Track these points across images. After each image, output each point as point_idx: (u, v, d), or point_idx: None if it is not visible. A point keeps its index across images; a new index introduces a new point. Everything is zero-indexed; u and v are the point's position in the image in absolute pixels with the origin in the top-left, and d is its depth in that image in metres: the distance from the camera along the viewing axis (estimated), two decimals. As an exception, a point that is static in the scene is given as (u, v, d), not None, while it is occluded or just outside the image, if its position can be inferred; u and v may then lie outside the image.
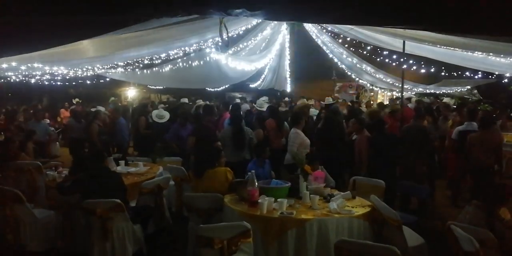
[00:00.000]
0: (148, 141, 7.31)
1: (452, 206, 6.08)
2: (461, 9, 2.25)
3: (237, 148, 5.77)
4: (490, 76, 10.59)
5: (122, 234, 3.80)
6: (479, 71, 9.95)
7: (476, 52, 6.60)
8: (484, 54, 6.64)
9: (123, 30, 4.43)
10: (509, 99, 12.48)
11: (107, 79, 11.23)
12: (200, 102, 10.62)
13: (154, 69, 9.18)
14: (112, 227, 3.73)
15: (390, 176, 5.08)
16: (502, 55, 6.59)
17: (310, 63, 14.71)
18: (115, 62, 7.96)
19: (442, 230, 3.31)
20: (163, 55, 7.77)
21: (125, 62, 8.20)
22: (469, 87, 12.44)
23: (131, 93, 13.19)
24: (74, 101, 14.58)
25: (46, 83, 10.71)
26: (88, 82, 11.84)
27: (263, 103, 8.79)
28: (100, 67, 8.40)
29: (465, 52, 6.85)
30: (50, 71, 7.66)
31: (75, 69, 8.15)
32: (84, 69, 8.45)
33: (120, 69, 8.84)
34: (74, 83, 12.23)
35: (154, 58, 7.91)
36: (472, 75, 10.34)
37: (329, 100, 10.16)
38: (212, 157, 4.44)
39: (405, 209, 5.24)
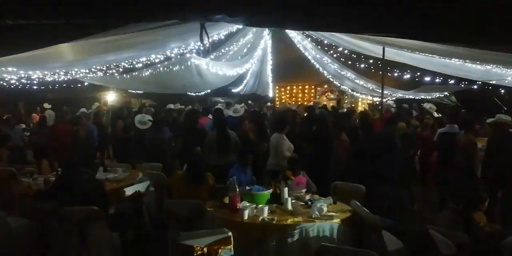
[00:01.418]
0: (128, 146, 7.19)
1: (433, 210, 6.17)
2: (436, 19, 2.30)
3: (222, 152, 5.73)
4: (464, 82, 10.89)
5: (100, 242, 3.70)
6: (457, 77, 10.24)
7: (454, 59, 6.78)
8: (461, 61, 6.82)
9: (103, 34, 4.36)
10: (485, 106, 12.87)
11: (85, 84, 11.00)
12: (178, 106, 10.55)
13: (134, 73, 9.07)
14: (89, 234, 3.64)
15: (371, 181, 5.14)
16: (478, 62, 6.78)
17: (292, 68, 14.80)
18: (94, 66, 7.82)
19: (421, 234, 3.35)
20: (143, 60, 7.69)
21: (105, 66, 8.07)
22: (446, 93, 12.75)
23: (111, 98, 12.97)
24: (45, 106, 14.31)
25: (20, 87, 10.43)
26: (65, 85, 11.58)
27: (238, 109, 8.87)
28: (79, 71, 8.24)
29: (443, 59, 7.02)
30: (26, 75, 7.47)
31: (51, 73, 7.96)
32: (62, 74, 8.27)
33: (99, 74, 8.69)
34: (50, 87, 11.94)
35: (134, 62, 7.81)
36: (449, 80, 10.62)
37: (310, 105, 10.22)
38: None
39: (385, 213, 5.30)
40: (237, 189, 3.73)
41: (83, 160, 4.90)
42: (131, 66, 8.09)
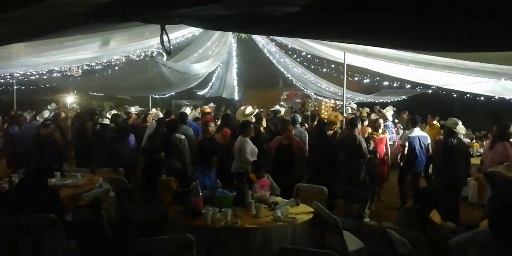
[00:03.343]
0: (90, 150, 6.94)
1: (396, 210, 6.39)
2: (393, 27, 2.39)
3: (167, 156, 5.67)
4: (420, 87, 11.40)
5: (56, 251, 3.55)
6: (413, 82, 10.69)
7: (410, 64, 7.08)
8: (417, 66, 7.13)
9: (61, 34, 4.21)
10: (440, 110, 13.53)
11: (41, 85, 10.53)
12: (132, 109, 10.31)
13: (95, 75, 8.78)
14: (44, 244, 3.47)
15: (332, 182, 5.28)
16: (432, 68, 7.12)
17: (257, 72, 14.89)
18: (51, 67, 7.52)
19: (380, 233, 3.45)
20: (104, 61, 7.47)
21: (63, 68, 7.77)
22: (404, 97, 13.26)
23: (70, 100, 12.49)
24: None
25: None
26: (18, 87, 11.02)
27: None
28: (35, 72, 7.88)
29: (400, 64, 7.31)
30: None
31: (4, 74, 7.57)
32: (17, 75, 7.89)
33: (57, 75, 8.35)
34: (3, 88, 11.31)
35: (94, 63, 7.57)
36: (405, 85, 11.09)
37: (277, 108, 10.30)
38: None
39: (348, 214, 5.44)
40: (200, 193, 3.70)
41: (39, 165, 4.67)
42: (91, 67, 7.85)
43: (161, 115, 8.97)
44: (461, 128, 5.66)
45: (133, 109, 10.59)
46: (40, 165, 4.27)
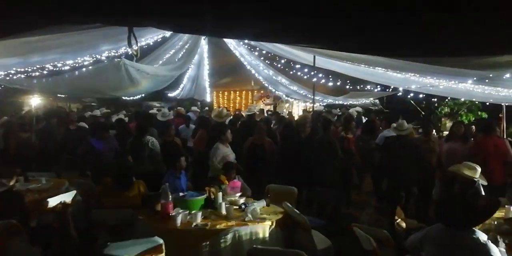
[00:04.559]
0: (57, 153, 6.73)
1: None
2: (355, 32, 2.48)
3: (133, 159, 5.59)
4: (388, 90, 11.78)
5: (19, 258, 3.43)
6: (380, 84, 11.03)
7: (377, 68, 7.31)
8: (383, 69, 7.37)
9: (25, 34, 4.07)
10: (406, 110, 14.01)
11: (1, 86, 10.07)
12: (97, 112, 10.07)
13: (64, 76, 8.51)
14: (6, 252, 3.35)
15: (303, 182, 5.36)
16: (398, 71, 7.38)
17: (229, 73, 14.91)
18: (14, 68, 7.24)
19: (348, 232, 3.55)
20: (70, 62, 7.26)
21: (27, 69, 7.50)
22: (372, 99, 13.65)
23: (35, 102, 12.03)
24: None
25: None
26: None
27: (166, 113, 8.79)
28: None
29: (368, 67, 7.53)
30: None
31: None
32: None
33: (20, 76, 8.04)
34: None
35: (60, 64, 7.34)
36: (372, 88, 11.44)
37: (250, 110, 10.31)
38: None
39: (320, 213, 5.53)
40: (170, 196, 3.68)
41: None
42: (57, 69, 7.61)
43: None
44: (407, 128, 5.84)
45: (98, 112, 10.33)
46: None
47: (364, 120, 10.17)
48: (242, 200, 4.17)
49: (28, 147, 6.58)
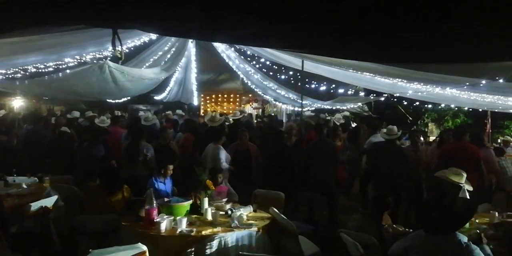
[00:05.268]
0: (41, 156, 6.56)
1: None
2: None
3: (128, 163, 5.50)
4: (373, 94, 11.90)
5: (-3, 266, 3.31)
6: (368, 89, 11.13)
7: (365, 73, 7.35)
8: (371, 75, 7.42)
9: (5, 35, 3.97)
10: (394, 115, 14.18)
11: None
12: (90, 113, 9.89)
13: (45, 77, 8.33)
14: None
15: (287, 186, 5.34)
16: (385, 76, 7.44)
17: (216, 77, 14.85)
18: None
19: (335, 238, 3.53)
20: (52, 64, 7.11)
21: (9, 70, 7.32)
22: (360, 103, 13.75)
23: (17, 104, 11.79)
24: None
25: None
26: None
27: (149, 117, 8.67)
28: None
29: (356, 73, 7.57)
30: None
31: None
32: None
33: (1, 78, 7.84)
34: None
35: (42, 66, 7.18)
36: (360, 93, 11.55)
37: (236, 114, 10.27)
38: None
39: (309, 219, 5.49)
40: (154, 201, 3.60)
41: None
42: (40, 70, 7.44)
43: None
44: (396, 133, 5.87)
45: (77, 114, 10.15)
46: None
47: (353, 125, 10.21)
48: (228, 206, 4.11)
49: (7, 151, 6.40)
